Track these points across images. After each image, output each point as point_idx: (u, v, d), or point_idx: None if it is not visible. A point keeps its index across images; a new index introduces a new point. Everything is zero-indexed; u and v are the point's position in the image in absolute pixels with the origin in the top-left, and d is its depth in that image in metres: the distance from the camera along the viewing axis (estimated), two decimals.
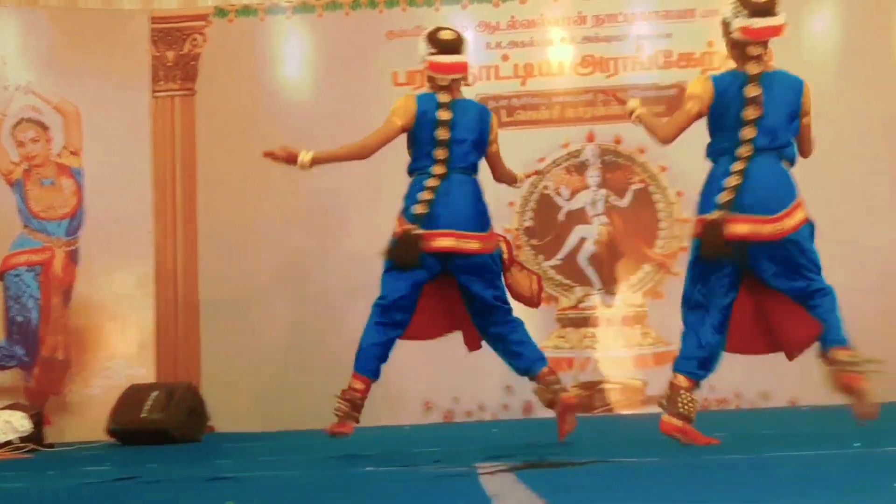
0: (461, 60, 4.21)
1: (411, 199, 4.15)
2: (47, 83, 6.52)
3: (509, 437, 4.94)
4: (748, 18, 3.72)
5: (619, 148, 6.46)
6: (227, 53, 6.71)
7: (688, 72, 6.46)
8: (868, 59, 6.38)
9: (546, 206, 6.45)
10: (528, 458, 3.29)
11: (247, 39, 6.73)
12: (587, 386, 6.26)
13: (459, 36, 4.31)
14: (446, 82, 4.20)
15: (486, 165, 4.49)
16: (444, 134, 4.13)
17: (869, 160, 6.25)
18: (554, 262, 6.40)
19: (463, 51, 4.25)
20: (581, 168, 6.48)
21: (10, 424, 5.26)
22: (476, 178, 4.33)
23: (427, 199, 4.09)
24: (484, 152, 4.35)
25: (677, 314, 6.17)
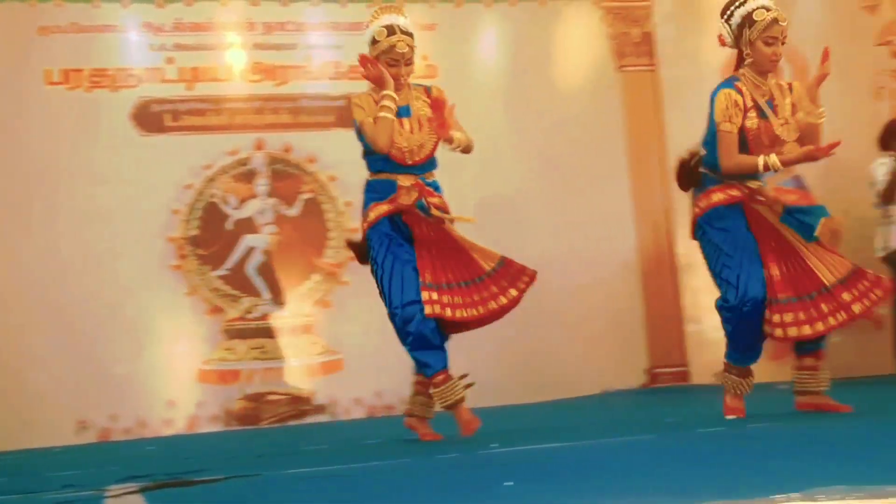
0: None
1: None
2: None
3: (163, 455, 4.72)
4: None
5: (288, 157, 6.43)
6: None
7: (357, 84, 6.52)
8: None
9: (213, 215, 6.28)
10: (165, 478, 3.13)
11: None
12: (254, 398, 6.15)
13: None
14: None
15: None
16: None
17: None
18: (221, 272, 6.24)
19: None
20: (250, 176, 6.37)
21: None
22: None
23: None
24: None
25: (346, 323, 6.34)
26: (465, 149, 4.22)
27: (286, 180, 6.42)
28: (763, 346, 4.10)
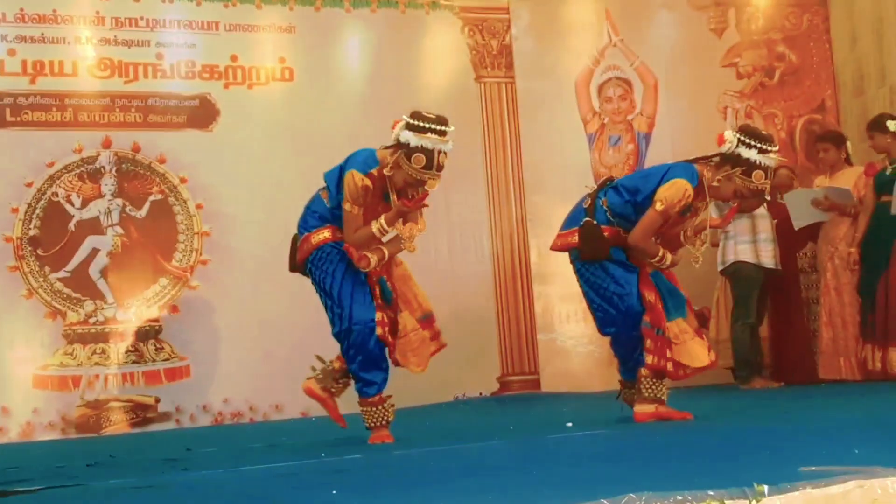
0: None
1: None
2: None
3: None
4: None
5: (137, 157, 6.23)
6: None
7: (211, 84, 6.44)
8: None
9: (55, 214, 6.03)
10: None
11: None
12: (94, 405, 5.93)
13: None
14: None
15: None
16: None
17: None
18: (62, 274, 5.99)
19: None
20: (96, 175, 6.15)
21: None
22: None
23: None
24: None
25: (194, 329, 6.19)
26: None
27: (134, 181, 6.22)
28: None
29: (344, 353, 4.08)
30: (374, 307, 4.02)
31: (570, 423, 4.19)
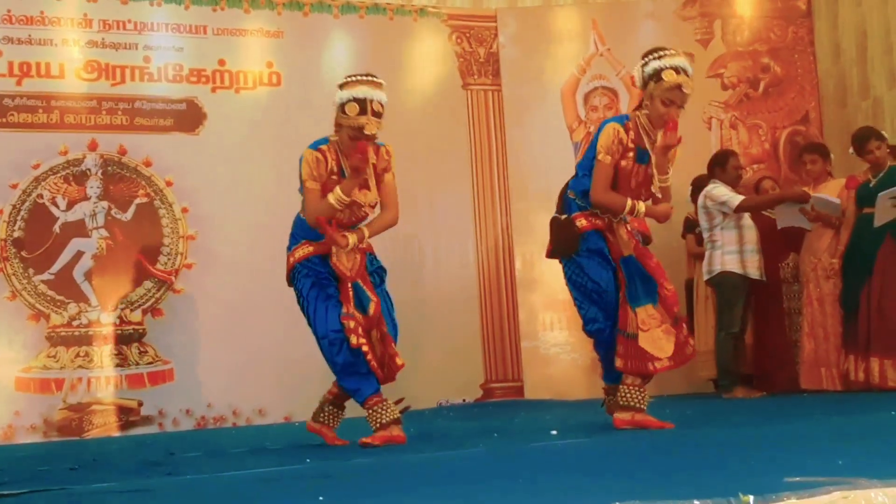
0: None
1: None
2: None
3: None
4: None
5: (123, 159, 6.22)
6: None
7: (198, 87, 6.43)
8: None
9: (39, 216, 6.01)
10: None
11: None
12: (77, 408, 5.91)
13: None
14: None
15: None
16: None
17: None
18: (46, 276, 5.97)
19: None
20: (81, 178, 6.13)
21: None
22: None
23: None
24: None
25: (178, 332, 6.17)
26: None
27: (120, 183, 6.21)
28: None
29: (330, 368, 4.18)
30: (337, 316, 4.06)
31: (554, 431, 4.21)
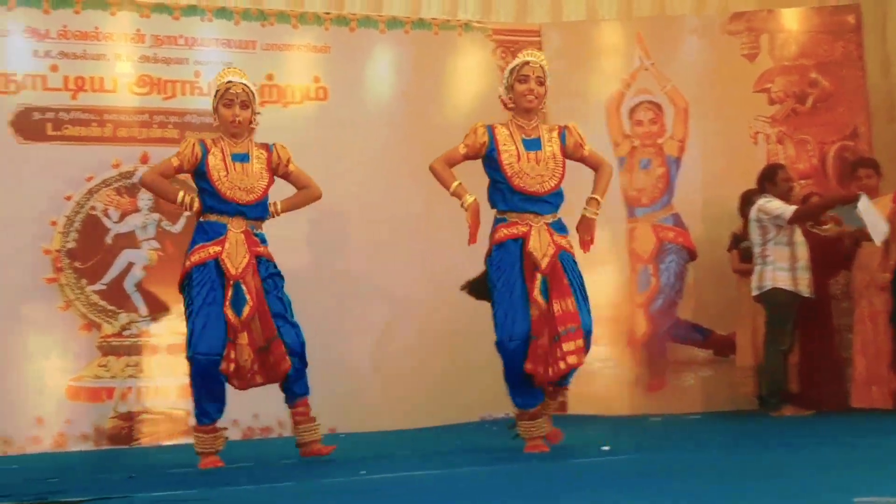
0: None
1: None
2: None
3: (28, 474, 4.56)
4: None
5: None
6: None
7: None
8: None
9: (92, 228, 6.11)
10: (30, 498, 3.02)
11: None
12: (127, 417, 6.01)
13: None
14: None
15: None
16: None
17: None
18: (98, 286, 6.08)
19: None
20: (133, 190, 6.24)
21: None
22: None
23: None
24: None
25: None
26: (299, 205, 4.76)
27: None
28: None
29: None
30: (220, 336, 4.33)
31: (606, 447, 4.20)
